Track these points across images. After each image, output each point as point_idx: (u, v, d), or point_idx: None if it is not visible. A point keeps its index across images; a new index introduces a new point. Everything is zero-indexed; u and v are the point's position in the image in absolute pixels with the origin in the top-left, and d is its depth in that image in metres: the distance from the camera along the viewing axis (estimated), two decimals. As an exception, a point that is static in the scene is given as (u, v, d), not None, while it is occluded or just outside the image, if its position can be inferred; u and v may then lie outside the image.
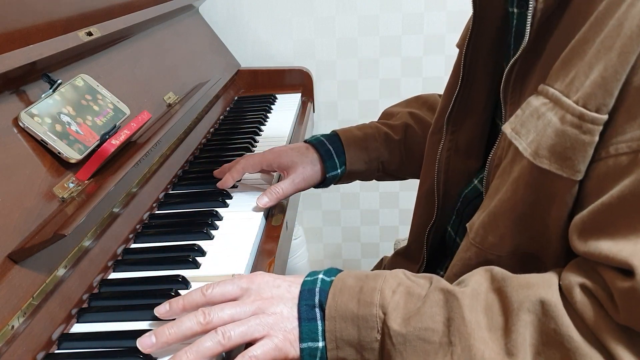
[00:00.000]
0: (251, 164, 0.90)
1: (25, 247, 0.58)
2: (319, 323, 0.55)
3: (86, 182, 0.72)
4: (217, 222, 0.82)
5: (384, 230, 1.86)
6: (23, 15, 0.75)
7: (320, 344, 0.55)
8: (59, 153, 0.70)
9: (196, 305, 0.58)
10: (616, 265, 0.46)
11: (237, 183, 0.93)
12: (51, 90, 0.74)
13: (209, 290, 0.58)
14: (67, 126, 0.73)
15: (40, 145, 0.69)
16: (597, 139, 0.47)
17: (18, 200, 0.62)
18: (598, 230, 0.48)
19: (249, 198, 0.89)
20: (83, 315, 0.63)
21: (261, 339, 0.55)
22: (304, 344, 0.55)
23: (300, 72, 1.59)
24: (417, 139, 0.92)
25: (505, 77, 0.60)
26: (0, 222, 0.58)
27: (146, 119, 0.85)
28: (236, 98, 1.48)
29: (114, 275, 0.71)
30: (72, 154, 0.71)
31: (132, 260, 0.74)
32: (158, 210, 0.87)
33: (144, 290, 0.67)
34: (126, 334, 0.59)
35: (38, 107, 0.70)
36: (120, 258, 0.74)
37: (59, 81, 0.75)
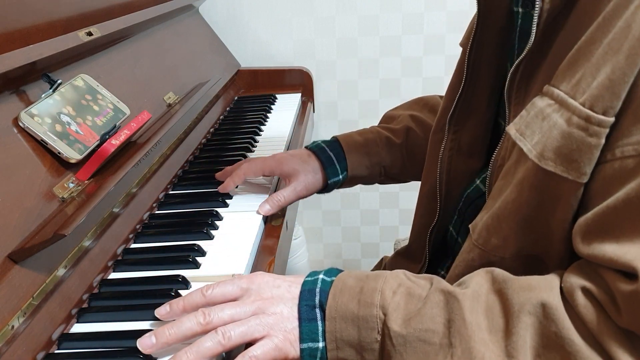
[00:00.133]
0: (253, 170, 0.89)
1: (25, 247, 0.58)
2: (319, 323, 0.55)
3: (86, 182, 0.72)
4: (217, 222, 0.82)
5: (384, 230, 1.86)
6: (23, 15, 0.75)
7: (320, 345, 0.55)
8: (59, 153, 0.70)
9: (196, 305, 0.58)
10: (620, 268, 0.46)
11: (238, 183, 0.93)
12: (51, 90, 0.74)
13: (209, 291, 0.58)
14: (67, 126, 0.73)
15: (40, 145, 0.69)
16: (603, 141, 0.47)
17: (18, 200, 0.62)
18: (603, 233, 0.47)
19: (249, 198, 0.89)
20: (83, 315, 0.63)
21: (261, 339, 0.55)
22: (304, 344, 0.55)
23: (300, 72, 1.59)
24: (419, 141, 0.92)
25: (510, 77, 0.60)
26: (0, 222, 0.58)
27: (146, 119, 0.85)
28: (236, 98, 1.48)
29: (114, 275, 0.71)
30: (72, 154, 0.71)
31: (132, 260, 0.74)
32: (158, 210, 0.87)
33: (144, 290, 0.67)
34: (126, 334, 0.59)
35: (38, 107, 0.70)
36: (120, 258, 0.74)
37: (59, 81, 0.75)
